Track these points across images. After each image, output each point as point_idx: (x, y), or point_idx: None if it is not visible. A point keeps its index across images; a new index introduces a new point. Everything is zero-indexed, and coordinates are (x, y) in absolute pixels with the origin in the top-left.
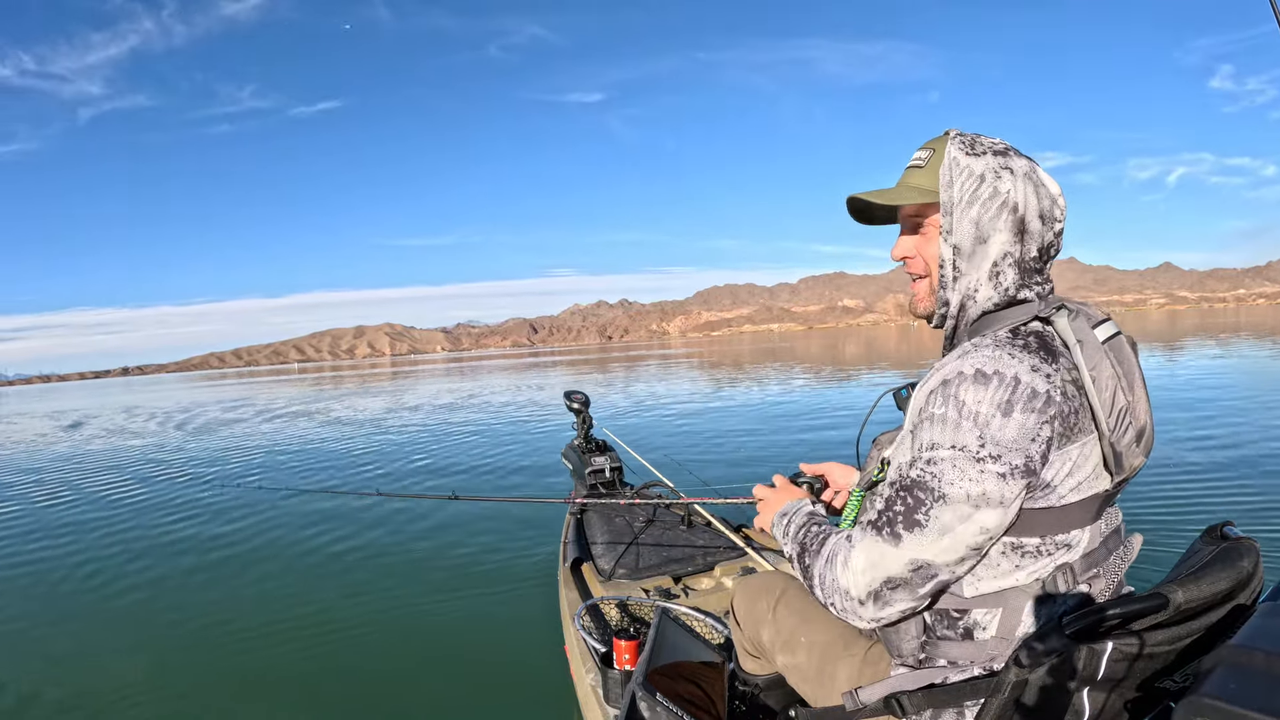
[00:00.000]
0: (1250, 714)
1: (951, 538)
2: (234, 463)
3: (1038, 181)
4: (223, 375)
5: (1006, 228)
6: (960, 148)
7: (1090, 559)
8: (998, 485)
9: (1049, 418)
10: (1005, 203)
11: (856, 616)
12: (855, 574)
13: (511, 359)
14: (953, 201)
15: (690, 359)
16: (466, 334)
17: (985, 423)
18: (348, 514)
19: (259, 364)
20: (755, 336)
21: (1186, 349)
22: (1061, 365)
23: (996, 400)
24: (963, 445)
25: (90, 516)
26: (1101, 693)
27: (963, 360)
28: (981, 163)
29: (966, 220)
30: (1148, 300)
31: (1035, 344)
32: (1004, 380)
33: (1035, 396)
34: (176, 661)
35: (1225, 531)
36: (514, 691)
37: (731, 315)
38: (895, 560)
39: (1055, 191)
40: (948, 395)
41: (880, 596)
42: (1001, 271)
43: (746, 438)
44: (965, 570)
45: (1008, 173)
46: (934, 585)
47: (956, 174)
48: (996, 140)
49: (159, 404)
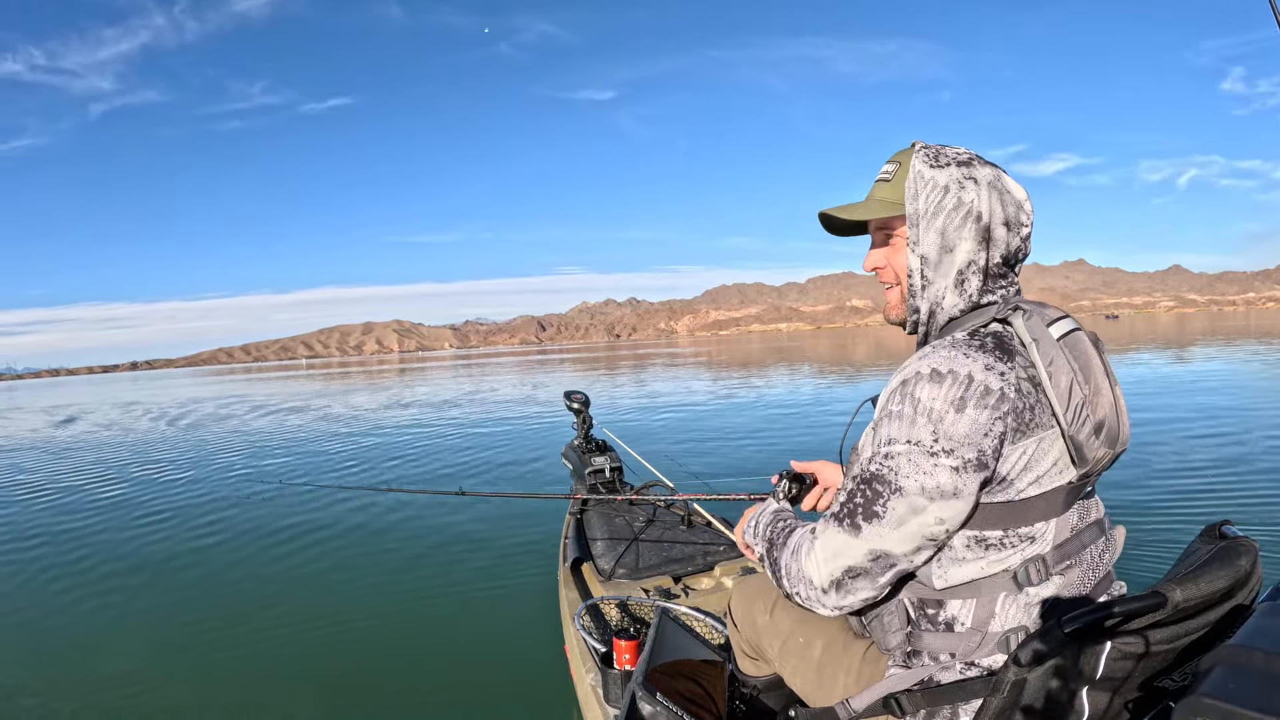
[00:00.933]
0: (1250, 714)
1: (907, 529)
2: (231, 462)
3: (1002, 189)
4: (231, 371)
5: (971, 236)
6: (924, 160)
7: (1063, 551)
8: (951, 478)
9: (1002, 413)
10: (970, 212)
11: (820, 605)
12: (818, 563)
13: (519, 356)
14: (918, 213)
15: (697, 358)
16: (475, 331)
17: (939, 419)
18: (346, 512)
19: (267, 359)
20: (763, 336)
21: (1193, 351)
22: (1017, 363)
23: (950, 397)
24: (918, 440)
25: (92, 520)
26: (1101, 692)
27: (921, 361)
28: (945, 174)
29: (932, 231)
30: (1157, 303)
31: (991, 344)
32: (957, 378)
33: (988, 393)
34: (171, 657)
35: (1224, 530)
36: (514, 691)
37: (740, 315)
38: (856, 550)
39: (1021, 197)
40: (905, 393)
41: (842, 585)
42: (967, 279)
43: (747, 438)
44: (923, 560)
45: (971, 183)
46: (893, 574)
47: (921, 186)
48: (961, 150)
49: (160, 400)
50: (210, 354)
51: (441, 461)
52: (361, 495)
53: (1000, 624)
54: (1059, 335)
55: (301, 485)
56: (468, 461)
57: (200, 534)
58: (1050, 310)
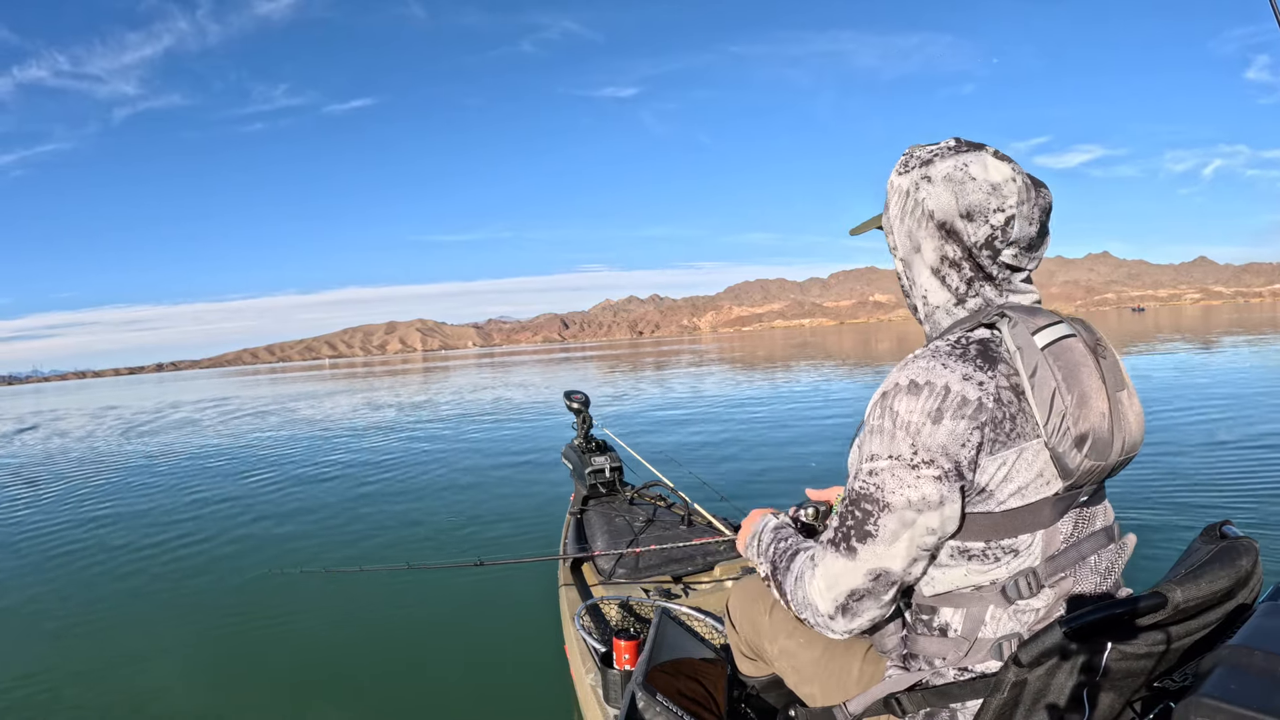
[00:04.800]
0: (1250, 714)
1: (901, 543)
2: (230, 460)
3: (961, 180)
4: (255, 371)
5: (931, 235)
6: (897, 169)
7: (1055, 563)
8: (935, 488)
9: (979, 424)
10: (924, 211)
11: (829, 631)
12: (820, 592)
13: (542, 355)
14: (891, 220)
15: (721, 355)
16: (498, 329)
17: (916, 431)
18: (344, 511)
19: (291, 359)
20: (786, 332)
21: (1216, 345)
22: (1000, 371)
23: (927, 409)
24: (898, 454)
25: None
26: (1101, 692)
27: (901, 372)
28: (908, 178)
29: (903, 235)
30: (1182, 295)
31: (974, 352)
32: (934, 389)
33: (965, 404)
34: (164, 652)
35: (1224, 530)
36: (514, 691)
37: (763, 310)
38: (855, 573)
39: (998, 179)
40: (885, 407)
41: (848, 609)
42: (945, 274)
43: (757, 438)
44: (920, 570)
45: (925, 181)
46: (896, 591)
47: (891, 195)
48: (935, 148)
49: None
50: (235, 354)
51: (446, 462)
52: (362, 495)
53: (991, 632)
54: (1045, 343)
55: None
56: (473, 459)
57: (187, 531)
58: (1041, 316)
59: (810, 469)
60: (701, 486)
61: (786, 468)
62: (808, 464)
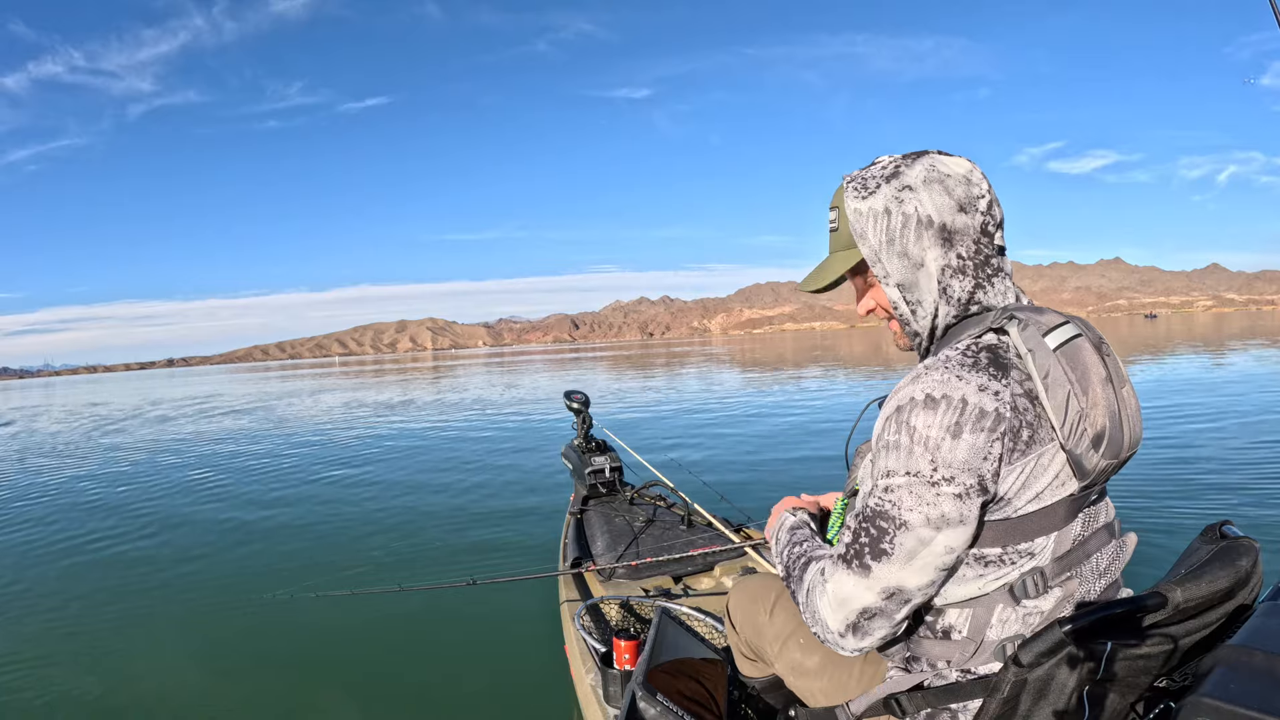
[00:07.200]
0: (1250, 714)
1: (918, 562)
2: (229, 459)
3: (941, 177)
4: (266, 368)
5: (933, 242)
6: (855, 195)
7: (1063, 563)
8: (955, 506)
9: (999, 435)
10: (920, 221)
11: (839, 648)
12: (831, 609)
13: (552, 355)
14: (875, 250)
15: (730, 357)
16: (508, 329)
17: (936, 447)
18: (344, 510)
19: (301, 356)
20: (797, 335)
21: (1225, 352)
22: (1013, 378)
23: (945, 424)
24: (917, 471)
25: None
26: (1101, 692)
27: (914, 385)
28: (879, 198)
29: (895, 257)
30: (1195, 302)
31: (986, 359)
32: (951, 403)
33: (984, 416)
34: (145, 681)
35: (1224, 530)
36: (514, 691)
37: (773, 313)
38: (868, 591)
39: (963, 170)
40: (900, 422)
41: (859, 628)
42: (949, 285)
43: (763, 438)
44: (936, 590)
45: (907, 191)
46: (909, 610)
47: (863, 224)
48: (885, 164)
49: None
50: (245, 351)
51: (445, 459)
52: (359, 492)
53: (997, 634)
54: (1056, 344)
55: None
56: (475, 457)
57: (182, 531)
58: (1049, 317)
59: (812, 474)
60: (702, 487)
61: (787, 468)
62: (810, 467)
